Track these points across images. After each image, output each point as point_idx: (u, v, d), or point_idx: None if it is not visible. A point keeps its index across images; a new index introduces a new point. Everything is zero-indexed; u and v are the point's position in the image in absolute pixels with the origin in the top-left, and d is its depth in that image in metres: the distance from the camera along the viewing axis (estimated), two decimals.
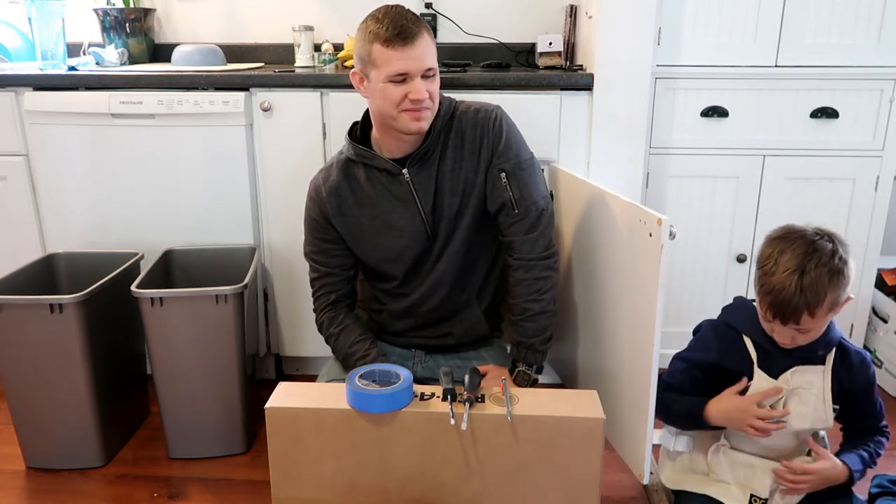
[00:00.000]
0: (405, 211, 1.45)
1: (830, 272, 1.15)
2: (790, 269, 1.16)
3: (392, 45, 1.30)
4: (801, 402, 1.26)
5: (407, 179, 1.43)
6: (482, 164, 1.43)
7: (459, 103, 1.47)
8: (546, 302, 1.44)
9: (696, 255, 1.97)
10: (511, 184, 1.42)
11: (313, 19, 2.20)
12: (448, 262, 1.48)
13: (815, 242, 1.18)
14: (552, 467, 1.23)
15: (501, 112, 1.46)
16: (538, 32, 2.04)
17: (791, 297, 1.15)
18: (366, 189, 1.46)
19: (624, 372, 1.39)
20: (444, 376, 1.31)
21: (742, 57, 1.84)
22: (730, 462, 1.33)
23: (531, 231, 1.43)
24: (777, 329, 1.22)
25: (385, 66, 1.32)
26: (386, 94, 1.34)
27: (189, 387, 1.62)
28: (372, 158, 1.44)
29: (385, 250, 1.48)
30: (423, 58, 1.33)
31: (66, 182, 1.87)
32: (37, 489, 1.59)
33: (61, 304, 1.52)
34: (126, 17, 2.20)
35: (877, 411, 1.33)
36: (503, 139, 1.43)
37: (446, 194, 1.44)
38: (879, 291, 2.04)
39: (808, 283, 1.15)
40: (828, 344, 1.27)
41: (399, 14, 1.33)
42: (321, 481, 1.28)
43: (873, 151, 1.89)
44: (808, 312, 1.16)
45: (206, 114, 1.79)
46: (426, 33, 1.34)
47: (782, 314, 1.18)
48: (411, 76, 1.33)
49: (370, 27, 1.33)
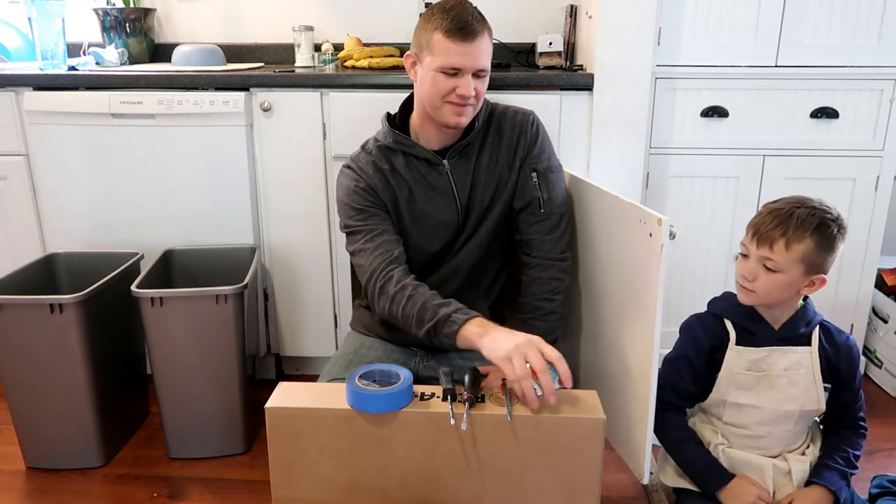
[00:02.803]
0: (442, 201, 1.47)
1: (822, 223, 1.21)
2: (789, 201, 1.25)
3: (453, 37, 1.33)
4: (791, 383, 1.29)
5: (447, 170, 1.45)
6: (517, 161, 1.47)
7: (496, 104, 1.52)
8: (557, 303, 1.47)
9: (696, 256, 1.97)
10: (541, 184, 1.46)
11: (313, 19, 2.20)
12: (468, 254, 1.50)
13: (813, 201, 1.24)
14: (552, 467, 1.23)
15: (537, 117, 1.51)
16: (538, 32, 2.04)
17: (778, 216, 1.22)
18: (404, 175, 1.46)
19: (624, 372, 1.39)
20: (445, 376, 1.31)
21: (742, 57, 1.84)
22: (729, 460, 1.33)
23: (553, 231, 1.47)
24: (748, 261, 1.25)
25: (441, 55, 1.34)
26: (435, 83, 1.36)
27: (189, 387, 1.62)
28: (412, 147, 1.45)
29: (417, 237, 1.49)
30: (479, 56, 1.36)
31: (66, 182, 1.87)
32: (37, 489, 1.59)
33: (61, 304, 1.52)
34: (126, 17, 2.20)
35: (858, 401, 1.34)
36: (539, 142, 1.48)
37: (480, 188, 1.47)
38: (879, 291, 2.04)
39: (796, 216, 1.21)
40: (809, 322, 1.30)
41: (466, 10, 1.36)
42: (321, 481, 1.28)
43: (873, 151, 1.89)
44: (785, 240, 1.20)
45: (206, 114, 1.79)
46: (487, 34, 1.38)
47: (761, 232, 1.22)
48: (464, 72, 1.35)
49: (436, 15, 1.36)
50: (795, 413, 1.30)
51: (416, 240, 1.49)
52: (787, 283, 1.24)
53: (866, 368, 2.10)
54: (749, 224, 1.28)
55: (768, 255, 1.23)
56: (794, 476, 1.30)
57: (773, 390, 1.29)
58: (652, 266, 1.24)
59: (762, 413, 1.30)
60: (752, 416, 1.31)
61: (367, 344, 1.60)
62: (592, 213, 1.50)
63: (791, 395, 1.29)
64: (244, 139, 1.82)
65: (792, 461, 1.31)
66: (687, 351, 1.36)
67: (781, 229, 1.21)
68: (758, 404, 1.30)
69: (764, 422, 1.31)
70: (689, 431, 1.37)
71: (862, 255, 1.96)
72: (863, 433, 1.34)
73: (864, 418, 1.35)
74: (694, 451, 1.34)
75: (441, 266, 1.52)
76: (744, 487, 1.29)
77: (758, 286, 1.25)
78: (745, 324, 1.31)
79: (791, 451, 1.34)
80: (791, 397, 1.29)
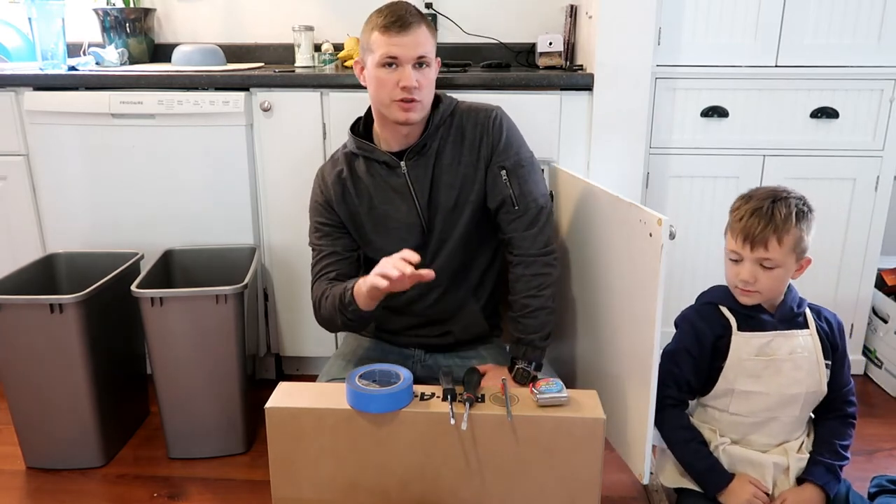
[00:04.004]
0: (401, 203, 1.47)
1: (798, 211, 1.26)
2: (762, 198, 1.28)
3: (388, 30, 1.35)
4: (795, 366, 1.30)
5: (404, 172, 1.45)
6: (482, 161, 1.45)
7: (460, 103, 1.50)
8: (545, 298, 1.45)
9: (696, 256, 1.97)
10: (511, 181, 1.44)
11: (313, 19, 2.20)
12: (446, 259, 1.49)
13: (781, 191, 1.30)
14: (552, 467, 1.23)
15: (502, 112, 1.49)
16: (538, 32, 2.04)
17: (763, 217, 1.25)
18: (365, 181, 1.48)
19: (624, 372, 1.39)
20: (444, 376, 1.31)
21: (742, 57, 1.84)
22: (729, 459, 1.33)
23: (531, 227, 1.45)
24: (743, 266, 1.28)
25: (378, 50, 1.37)
26: (379, 80, 1.38)
27: (189, 387, 1.62)
28: (371, 151, 1.47)
29: (382, 242, 1.49)
30: (415, 45, 1.36)
31: (66, 182, 1.87)
32: (37, 489, 1.59)
33: (61, 304, 1.52)
34: (126, 17, 2.20)
35: (848, 381, 1.37)
36: (503, 138, 1.45)
37: (443, 188, 1.46)
38: (879, 291, 2.04)
39: (778, 210, 1.25)
40: (799, 303, 1.34)
41: (401, 6, 1.39)
42: (321, 481, 1.28)
43: (873, 151, 1.89)
44: (777, 237, 1.24)
45: (206, 114, 1.79)
46: (424, 26, 1.38)
47: (753, 235, 1.25)
48: (401, 62, 1.36)
49: (372, 17, 1.40)
50: (801, 396, 1.31)
51: (381, 244, 1.49)
52: (785, 274, 1.28)
53: (866, 368, 2.10)
54: (734, 230, 1.29)
55: (765, 256, 1.25)
56: (791, 473, 1.31)
57: (780, 375, 1.30)
58: (652, 266, 1.24)
59: (769, 399, 1.31)
60: (759, 403, 1.31)
61: (366, 344, 1.61)
62: (592, 213, 1.50)
63: (796, 379, 1.30)
64: (244, 139, 1.82)
65: (791, 458, 1.32)
66: (687, 343, 1.36)
67: (771, 228, 1.24)
68: (765, 390, 1.31)
69: (770, 408, 1.31)
70: (692, 431, 1.37)
71: (862, 255, 1.96)
72: (851, 422, 1.36)
73: (855, 403, 1.37)
74: (696, 451, 1.34)
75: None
76: (743, 487, 1.30)
77: (760, 286, 1.28)
78: (743, 310, 1.33)
79: (794, 439, 1.35)
80: (796, 381, 1.30)
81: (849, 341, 1.57)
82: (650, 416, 1.29)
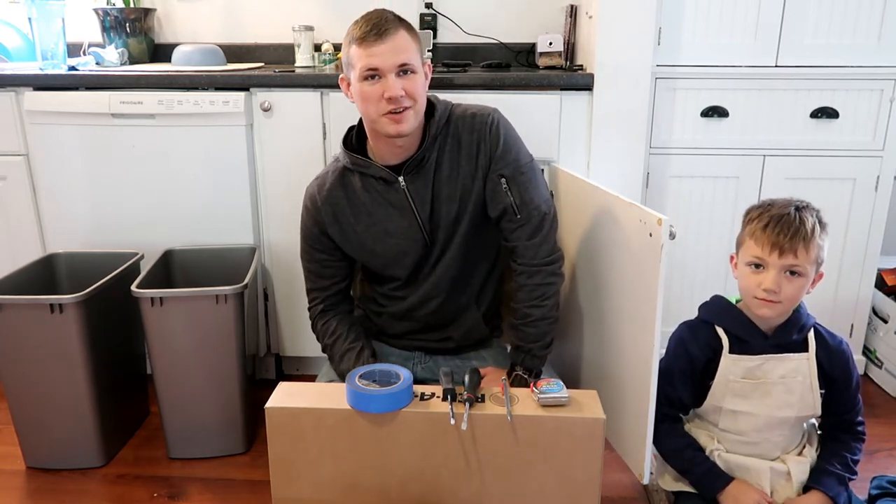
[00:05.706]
0: (402, 219, 1.43)
1: (820, 221, 1.26)
2: (785, 206, 1.26)
3: (364, 42, 1.29)
4: (787, 390, 1.29)
5: (403, 187, 1.41)
6: (480, 169, 1.41)
7: (456, 106, 1.45)
8: (548, 308, 1.42)
9: (696, 256, 1.97)
10: (511, 189, 1.39)
11: (313, 19, 2.20)
12: (446, 267, 1.47)
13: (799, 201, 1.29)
14: (552, 467, 1.23)
15: (499, 115, 1.43)
16: (538, 32, 2.04)
17: (790, 224, 1.22)
18: (361, 197, 1.44)
19: (624, 372, 1.39)
20: (445, 376, 1.31)
21: (742, 57, 1.84)
22: (726, 465, 1.33)
23: (534, 236, 1.41)
24: (767, 274, 1.23)
25: (358, 63, 1.31)
26: (364, 94, 1.32)
27: (189, 387, 1.62)
28: (367, 167, 1.42)
29: (383, 257, 1.47)
30: (394, 52, 1.29)
31: (66, 182, 1.87)
32: (37, 489, 1.59)
33: (61, 304, 1.52)
34: (126, 17, 2.20)
35: (856, 406, 1.34)
36: (501, 144, 1.40)
37: (444, 202, 1.42)
38: (879, 291, 2.04)
39: (805, 218, 1.24)
40: (802, 328, 1.30)
41: (377, 14, 1.32)
42: (321, 481, 1.28)
43: (873, 151, 1.89)
44: (805, 245, 1.22)
45: (206, 114, 1.79)
46: (403, 30, 1.32)
47: (782, 244, 1.22)
48: (383, 72, 1.30)
49: (350, 30, 1.34)
50: (791, 419, 1.30)
51: (383, 260, 1.47)
52: (806, 284, 1.25)
53: (866, 368, 2.10)
54: (758, 238, 1.25)
55: (794, 263, 1.22)
56: (793, 478, 1.30)
57: (769, 398, 1.29)
58: (652, 266, 1.24)
59: (757, 420, 1.30)
60: (747, 423, 1.31)
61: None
62: (592, 213, 1.50)
63: (787, 402, 1.29)
64: (244, 139, 1.82)
65: (791, 463, 1.31)
66: (680, 364, 1.35)
67: (801, 234, 1.22)
68: (753, 411, 1.30)
69: (759, 428, 1.31)
70: (687, 438, 1.36)
71: (862, 255, 1.96)
72: (862, 438, 1.34)
73: (863, 423, 1.35)
74: (692, 457, 1.34)
75: (422, 280, 1.49)
76: (743, 491, 1.29)
77: (783, 296, 1.23)
78: (737, 331, 1.31)
79: (788, 452, 1.34)
80: (787, 404, 1.29)
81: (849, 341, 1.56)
82: (650, 416, 1.29)
